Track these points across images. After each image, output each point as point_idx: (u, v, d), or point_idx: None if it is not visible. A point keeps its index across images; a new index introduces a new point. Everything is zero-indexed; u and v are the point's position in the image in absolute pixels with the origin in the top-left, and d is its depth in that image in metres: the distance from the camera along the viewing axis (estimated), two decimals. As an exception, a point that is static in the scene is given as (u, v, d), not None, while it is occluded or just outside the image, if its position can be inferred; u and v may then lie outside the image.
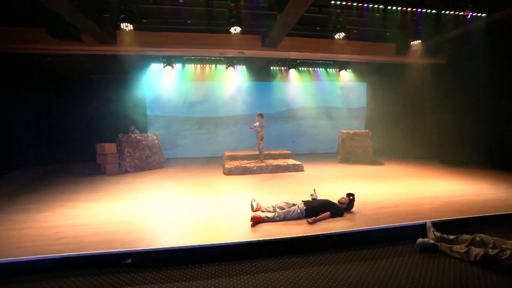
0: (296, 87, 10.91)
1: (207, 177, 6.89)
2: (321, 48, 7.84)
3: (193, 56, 9.37)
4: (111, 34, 6.75)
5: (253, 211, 4.04)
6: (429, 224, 3.40)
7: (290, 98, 11.10)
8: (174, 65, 9.33)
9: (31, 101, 8.23)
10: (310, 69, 10.72)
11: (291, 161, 7.93)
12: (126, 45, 6.88)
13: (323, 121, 11.43)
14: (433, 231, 3.29)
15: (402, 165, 8.09)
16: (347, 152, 8.96)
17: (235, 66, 9.53)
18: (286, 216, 3.67)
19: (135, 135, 7.95)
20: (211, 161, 9.34)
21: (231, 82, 10.34)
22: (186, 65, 9.75)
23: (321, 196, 4.59)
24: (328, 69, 10.85)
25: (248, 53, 7.73)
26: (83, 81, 9.16)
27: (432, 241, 3.13)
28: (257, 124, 7.69)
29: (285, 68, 10.12)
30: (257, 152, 8.05)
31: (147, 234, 3.40)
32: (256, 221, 3.57)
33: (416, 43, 7.34)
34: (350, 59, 8.75)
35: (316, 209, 3.76)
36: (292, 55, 8.32)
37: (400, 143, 10.05)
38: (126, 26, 5.23)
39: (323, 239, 3.21)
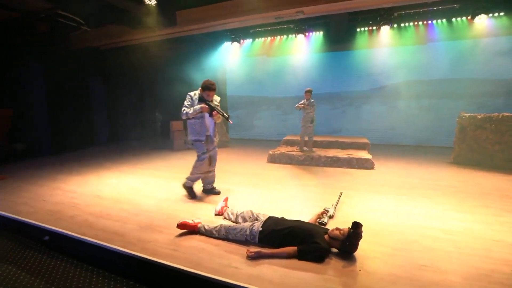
0: (397, 53, 7.86)
1: (248, 162, 6.18)
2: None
3: (262, 28, 8.45)
4: (170, 17, 6.90)
5: (215, 215, 3.01)
6: None
7: (388, 69, 8.19)
8: (242, 40, 8.77)
9: (129, 88, 10.06)
10: (419, 23, 7.30)
11: (358, 154, 5.81)
12: (182, 26, 6.88)
13: (443, 100, 7.85)
14: None
15: None
16: (469, 149, 5.68)
17: (307, 32, 7.84)
18: (229, 235, 2.42)
19: (198, 114, 8.16)
20: (277, 145, 8.41)
21: (307, 54, 8.71)
22: (256, 39, 8.94)
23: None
24: (451, 19, 7.05)
25: (309, 10, 5.96)
26: (171, 65, 10.17)
27: None
28: (304, 101, 6.00)
29: (377, 27, 7.37)
30: (320, 138, 6.53)
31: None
32: (186, 229, 2.55)
33: None
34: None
35: (279, 236, 2.27)
36: (377, 2, 5.76)
37: None
38: (149, 1, 5.03)
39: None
